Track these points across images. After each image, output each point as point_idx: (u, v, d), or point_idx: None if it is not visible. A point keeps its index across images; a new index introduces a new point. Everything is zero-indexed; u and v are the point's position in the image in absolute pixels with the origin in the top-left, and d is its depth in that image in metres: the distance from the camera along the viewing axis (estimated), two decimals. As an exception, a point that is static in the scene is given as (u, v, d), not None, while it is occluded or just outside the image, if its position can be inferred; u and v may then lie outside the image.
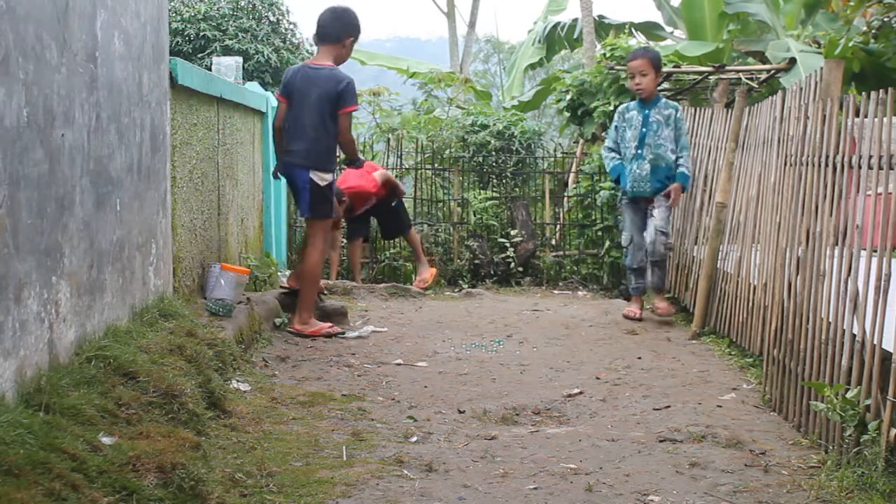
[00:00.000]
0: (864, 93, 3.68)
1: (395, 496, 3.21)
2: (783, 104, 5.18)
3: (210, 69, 7.86)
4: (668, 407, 4.42)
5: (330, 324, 6.04)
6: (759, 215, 5.45)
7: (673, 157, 6.51)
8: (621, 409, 4.45)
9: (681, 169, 6.51)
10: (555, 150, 10.14)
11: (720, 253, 6.16)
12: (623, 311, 6.77)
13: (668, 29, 13.79)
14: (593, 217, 8.97)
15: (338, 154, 6.17)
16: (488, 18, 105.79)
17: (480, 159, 9.52)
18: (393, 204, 8.06)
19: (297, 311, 5.90)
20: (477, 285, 8.60)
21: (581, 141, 10.00)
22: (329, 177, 5.87)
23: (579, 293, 8.52)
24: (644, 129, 6.56)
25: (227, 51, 9.40)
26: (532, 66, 15.41)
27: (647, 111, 6.57)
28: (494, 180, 9.56)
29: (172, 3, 9.79)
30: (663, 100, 6.67)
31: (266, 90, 8.42)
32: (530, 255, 8.97)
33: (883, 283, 3.33)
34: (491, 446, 3.82)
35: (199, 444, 3.14)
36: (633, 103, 6.72)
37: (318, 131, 5.80)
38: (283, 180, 6.31)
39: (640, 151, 6.57)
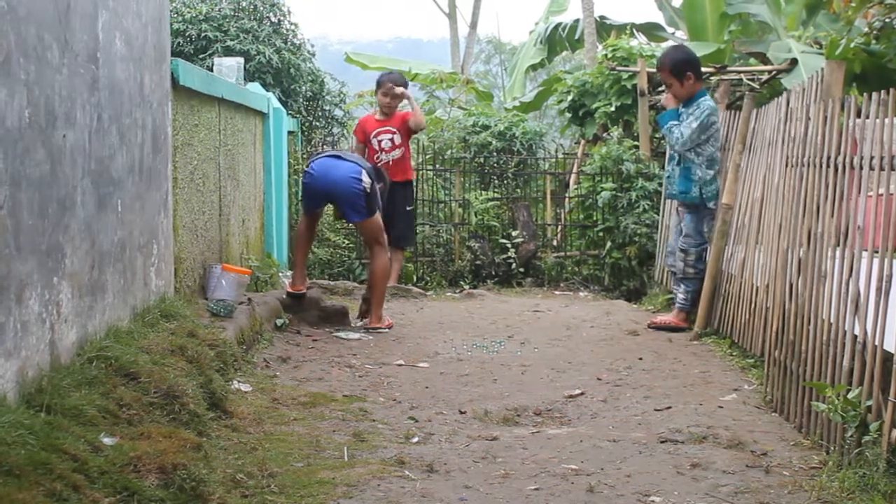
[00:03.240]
0: (865, 94, 3.68)
1: (396, 497, 3.21)
2: (788, 105, 5.17)
3: (211, 70, 7.86)
4: (670, 408, 4.42)
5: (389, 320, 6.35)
6: (763, 217, 5.44)
7: (697, 159, 6.28)
8: (622, 409, 4.45)
9: (678, 125, 6.27)
10: (556, 151, 10.15)
11: (725, 254, 6.14)
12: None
13: (670, 30, 13.77)
14: (595, 218, 8.96)
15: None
16: (490, 19, 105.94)
17: (482, 160, 9.53)
18: (408, 207, 7.92)
19: (372, 310, 6.26)
20: (478, 286, 8.60)
21: (582, 142, 10.00)
22: (369, 181, 6.12)
23: (580, 294, 8.52)
24: None
25: (228, 52, 9.38)
26: (533, 67, 15.41)
27: (682, 110, 6.40)
28: (496, 181, 9.56)
29: (174, 4, 9.77)
30: (700, 98, 6.34)
31: (267, 91, 8.41)
32: (531, 256, 8.97)
33: (884, 284, 3.33)
34: (492, 447, 3.82)
35: (201, 445, 3.14)
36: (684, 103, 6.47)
37: None
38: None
39: (672, 153, 6.54)
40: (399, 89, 7.56)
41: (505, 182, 9.56)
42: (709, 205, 6.33)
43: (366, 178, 6.08)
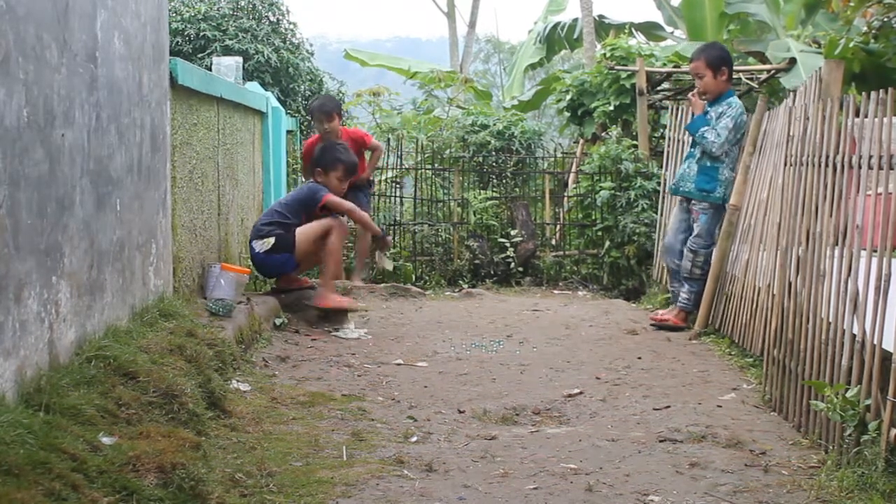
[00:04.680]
0: (864, 93, 3.68)
1: (395, 496, 3.21)
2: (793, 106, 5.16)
3: (210, 69, 7.86)
4: (668, 407, 4.42)
5: (349, 300, 6.40)
6: (767, 217, 5.43)
7: (726, 159, 6.20)
8: (621, 409, 4.45)
9: (707, 129, 6.18)
10: (555, 151, 10.14)
11: (730, 256, 6.12)
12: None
13: (669, 29, 13.78)
14: (593, 217, 8.97)
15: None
16: (488, 18, 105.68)
17: (480, 159, 9.52)
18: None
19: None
20: (477, 285, 8.60)
21: (581, 141, 10.00)
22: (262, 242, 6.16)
23: (579, 293, 8.52)
24: None
25: (227, 51, 9.40)
26: (532, 66, 15.41)
27: (708, 109, 6.34)
28: (494, 180, 9.55)
29: (172, 3, 9.79)
30: (729, 98, 6.29)
31: (266, 90, 8.42)
32: (530, 255, 8.97)
33: (883, 283, 3.33)
34: (491, 446, 3.82)
35: (199, 444, 3.14)
36: (710, 102, 6.38)
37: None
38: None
39: (692, 150, 6.42)
40: (328, 125, 7.27)
41: (504, 181, 9.55)
42: (727, 206, 6.29)
43: (257, 244, 6.09)
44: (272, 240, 6.06)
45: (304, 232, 6.12)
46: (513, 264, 8.83)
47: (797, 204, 4.35)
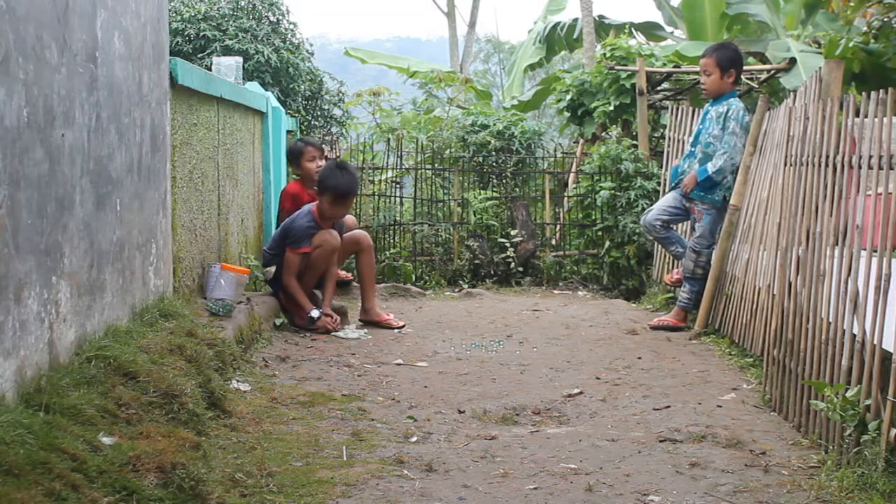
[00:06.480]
0: (864, 93, 3.68)
1: (395, 496, 3.21)
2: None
3: (210, 69, 7.86)
4: (668, 407, 4.42)
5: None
6: (767, 217, 5.43)
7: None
8: (621, 409, 4.45)
9: (707, 165, 6.19)
10: (555, 150, 10.14)
11: (730, 256, 6.12)
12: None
13: (669, 29, 13.79)
14: (593, 217, 8.97)
15: None
16: (488, 18, 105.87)
17: (480, 159, 9.52)
18: None
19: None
20: (477, 285, 8.60)
21: (581, 141, 10.00)
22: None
23: (579, 293, 8.52)
24: (700, 127, 6.38)
25: (227, 51, 9.39)
26: (532, 67, 15.41)
27: (709, 108, 6.35)
28: (494, 180, 9.55)
29: (172, 3, 9.79)
30: (731, 98, 6.29)
31: (266, 90, 8.41)
32: (530, 255, 8.97)
33: (883, 283, 3.33)
34: (491, 446, 3.82)
35: (200, 444, 3.14)
36: (712, 100, 6.39)
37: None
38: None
39: (692, 149, 6.40)
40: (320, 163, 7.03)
41: (504, 181, 9.55)
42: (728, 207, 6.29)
43: (265, 272, 6.33)
44: (273, 269, 6.28)
45: (289, 261, 6.19)
46: (513, 264, 8.83)
47: (797, 204, 4.35)
